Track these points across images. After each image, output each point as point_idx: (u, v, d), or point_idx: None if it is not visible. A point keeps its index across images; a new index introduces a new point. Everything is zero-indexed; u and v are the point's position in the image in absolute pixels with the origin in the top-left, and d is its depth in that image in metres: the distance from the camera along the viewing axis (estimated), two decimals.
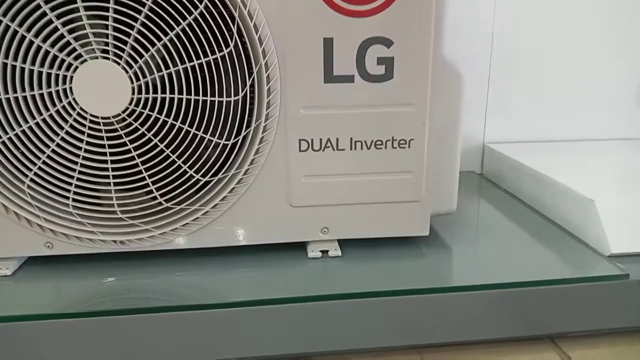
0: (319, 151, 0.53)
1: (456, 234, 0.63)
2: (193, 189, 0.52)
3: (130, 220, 0.53)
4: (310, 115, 0.52)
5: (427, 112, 0.53)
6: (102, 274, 0.54)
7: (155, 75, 0.48)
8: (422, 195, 0.56)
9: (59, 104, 0.49)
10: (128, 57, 0.48)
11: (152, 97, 0.49)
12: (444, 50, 0.54)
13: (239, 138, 0.51)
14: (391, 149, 0.54)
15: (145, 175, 0.51)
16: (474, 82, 0.87)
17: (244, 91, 0.50)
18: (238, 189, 0.53)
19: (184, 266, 0.55)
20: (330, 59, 0.50)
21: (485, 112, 0.90)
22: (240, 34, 0.48)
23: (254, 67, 0.49)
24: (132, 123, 0.50)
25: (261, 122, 0.51)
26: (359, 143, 0.53)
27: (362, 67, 0.51)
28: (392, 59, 0.51)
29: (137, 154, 0.50)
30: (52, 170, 0.51)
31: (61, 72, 0.48)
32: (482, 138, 0.91)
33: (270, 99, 0.51)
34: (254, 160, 0.52)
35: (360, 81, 0.51)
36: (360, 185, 0.54)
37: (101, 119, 0.49)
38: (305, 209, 0.55)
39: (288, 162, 0.53)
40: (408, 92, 0.52)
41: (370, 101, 0.52)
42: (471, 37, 0.86)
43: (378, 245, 0.58)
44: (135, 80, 0.48)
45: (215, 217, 0.54)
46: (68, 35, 0.47)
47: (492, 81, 0.88)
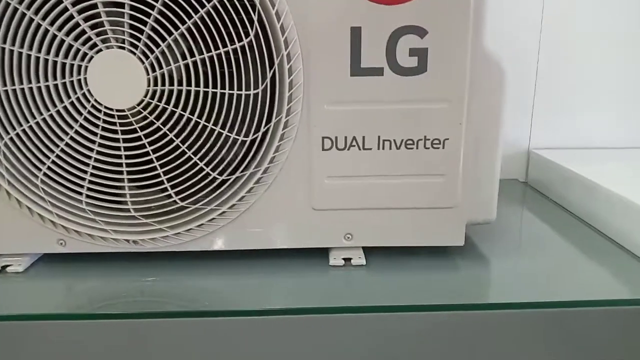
0: (344, 150, 0.49)
1: (495, 245, 0.58)
2: (209, 187, 0.49)
3: (143, 219, 0.50)
4: (335, 111, 0.48)
5: (464, 110, 0.48)
6: (115, 274, 0.52)
7: (172, 67, 0.46)
8: (457, 202, 0.51)
9: (73, 96, 0.47)
10: (144, 47, 0.45)
11: (168, 89, 0.46)
12: (485, 42, 0.49)
13: (258, 134, 0.48)
14: (423, 149, 0.49)
15: (160, 172, 0.48)
16: (520, 80, 0.81)
17: (264, 84, 0.47)
18: (257, 189, 0.50)
19: (199, 269, 0.52)
20: (357, 49, 0.46)
21: (532, 114, 0.83)
22: (261, 22, 0.45)
23: (275, 59, 0.46)
24: (148, 116, 0.47)
25: (282, 118, 0.47)
26: (387, 142, 0.49)
27: (392, 59, 0.47)
28: (425, 50, 0.46)
29: (152, 149, 0.48)
30: (65, 164, 0.49)
31: (76, 62, 0.46)
32: (527, 143, 0.84)
33: (292, 93, 0.47)
34: (274, 159, 0.49)
35: (391, 74, 0.47)
36: (388, 188, 0.50)
37: (116, 112, 0.47)
38: (328, 213, 0.51)
39: (310, 162, 0.49)
40: (443, 87, 0.47)
41: (400, 96, 0.48)
42: (517, 31, 0.79)
43: (407, 255, 0.53)
44: (151, 71, 0.46)
45: (232, 218, 0.50)
46: (83, 24, 0.45)
47: (540, 80, 0.81)
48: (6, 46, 0.45)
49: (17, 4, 0.44)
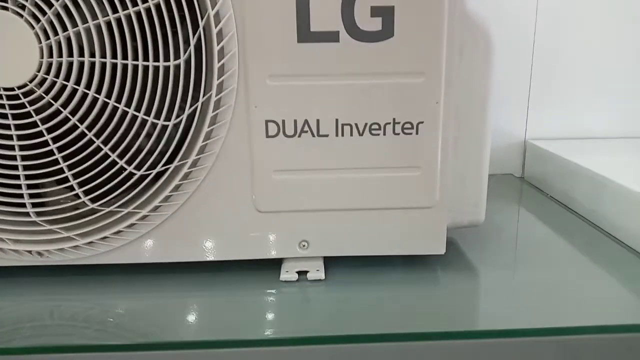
0: (294, 137, 0.39)
1: (486, 253, 0.48)
2: (125, 185, 0.39)
3: (47, 225, 0.40)
4: (280, 87, 0.38)
5: (441, 85, 0.38)
6: (20, 291, 0.42)
7: (70, 32, 0.36)
8: (436, 200, 0.41)
9: None
10: (33, 6, 0.36)
11: (66, 60, 0.37)
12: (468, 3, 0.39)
13: (182, 117, 0.38)
14: (392, 135, 0.39)
15: (63, 165, 0.39)
16: (515, 63, 0.71)
17: (187, 53, 0.37)
18: (185, 187, 0.40)
19: (120, 286, 0.43)
20: (305, 9, 0.37)
21: (528, 101, 0.74)
22: None
23: (200, 20, 0.36)
24: (43, 96, 0.37)
25: (212, 96, 0.38)
26: (347, 127, 0.39)
27: (350, 21, 0.37)
28: (391, 8, 0.37)
29: (51, 138, 0.38)
30: None
31: None
32: (523, 134, 0.74)
33: (224, 64, 0.37)
34: (205, 148, 0.39)
35: (348, 40, 0.37)
36: (351, 185, 0.40)
37: (3, 91, 0.37)
38: (276, 216, 0.41)
39: (252, 152, 0.39)
40: (414, 57, 0.38)
41: (361, 68, 0.38)
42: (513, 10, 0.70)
43: (375, 267, 0.43)
44: (44, 38, 0.36)
45: (156, 223, 0.41)
46: None
47: (536, 63, 0.72)
48: None
49: None
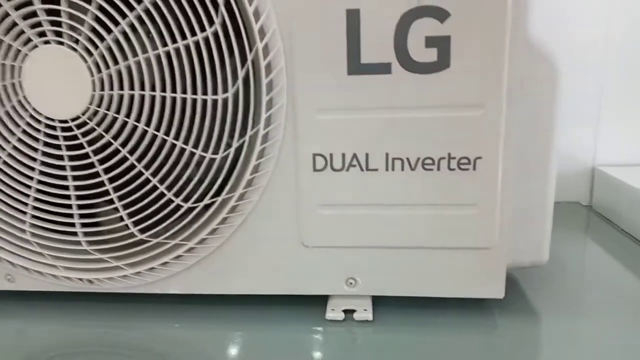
0: (342, 171, 0.38)
1: (548, 293, 0.44)
2: (173, 217, 0.39)
3: (98, 254, 0.41)
4: (329, 121, 0.37)
5: (501, 119, 0.36)
6: (72, 317, 0.43)
7: (121, 65, 0.36)
8: (494, 241, 0.38)
9: (8, 104, 0.38)
10: (86, 41, 0.36)
11: (117, 93, 0.37)
12: (532, 28, 0.36)
13: (229, 151, 0.37)
14: (447, 171, 0.37)
15: (114, 196, 0.39)
16: (583, 80, 0.66)
17: (235, 86, 0.36)
18: (232, 220, 0.39)
19: (167, 315, 0.42)
20: (356, 39, 0.35)
21: (597, 123, 0.68)
22: (229, 7, 0.35)
23: (248, 54, 0.36)
24: (95, 128, 0.38)
25: (259, 130, 0.37)
26: (398, 162, 0.37)
27: (402, 52, 0.35)
28: (447, 38, 0.35)
29: (102, 169, 0.39)
30: (3, 186, 0.40)
31: (8, 62, 0.37)
32: (591, 159, 0.69)
33: (272, 98, 0.36)
34: (252, 182, 0.38)
35: (401, 72, 0.35)
36: (402, 222, 0.38)
37: (58, 123, 0.38)
38: (323, 251, 0.40)
39: (299, 186, 0.38)
40: (472, 89, 0.35)
41: (415, 101, 0.36)
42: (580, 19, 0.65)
43: (427, 309, 0.41)
44: (96, 71, 0.36)
45: (202, 255, 0.40)
46: (14, 13, 0.36)
47: (609, 80, 0.66)
48: None
49: None
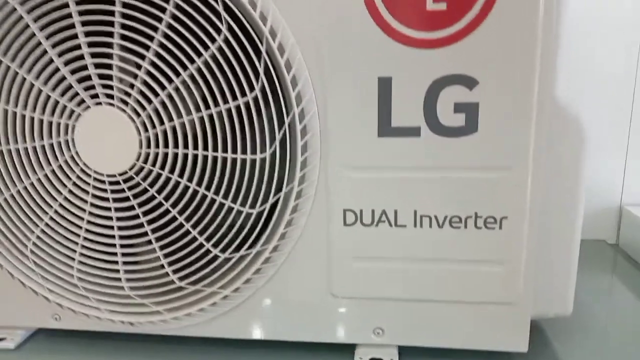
0: (371, 226, 0.39)
1: (574, 342, 0.45)
2: (210, 266, 0.41)
3: (139, 299, 0.43)
4: (360, 179, 0.39)
5: (527, 180, 0.37)
6: (115, 356, 0.46)
7: (166, 126, 0.39)
8: (519, 296, 0.39)
9: (61, 159, 0.41)
10: (135, 103, 0.39)
11: (162, 152, 0.39)
12: (559, 91, 0.38)
13: (265, 206, 0.40)
14: (474, 229, 0.38)
15: (156, 246, 0.41)
16: (610, 114, 0.66)
17: (273, 147, 0.38)
18: (265, 270, 0.41)
19: (199, 357, 0.44)
20: (387, 104, 0.37)
21: (625, 162, 0.69)
22: (269, 74, 0.37)
23: (285, 117, 0.38)
24: (141, 183, 0.40)
25: (294, 187, 0.39)
26: (426, 219, 0.39)
27: (432, 116, 0.37)
28: (476, 105, 0.36)
29: (146, 221, 0.41)
30: (54, 234, 0.43)
31: (62, 121, 0.40)
32: (619, 197, 0.69)
33: (307, 158, 0.38)
34: (285, 235, 0.40)
35: (430, 135, 0.37)
36: (429, 276, 0.40)
37: (106, 177, 0.41)
38: (352, 302, 0.41)
39: (330, 239, 0.40)
40: (499, 152, 0.37)
41: (443, 162, 0.37)
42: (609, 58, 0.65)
43: (452, 359, 0.42)
44: (143, 131, 0.39)
45: (237, 302, 0.42)
46: (70, 77, 0.39)
47: (637, 120, 0.66)
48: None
49: (0, 57, 0.40)
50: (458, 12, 0.35)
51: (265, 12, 0.36)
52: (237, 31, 0.36)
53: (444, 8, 0.35)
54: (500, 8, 0.34)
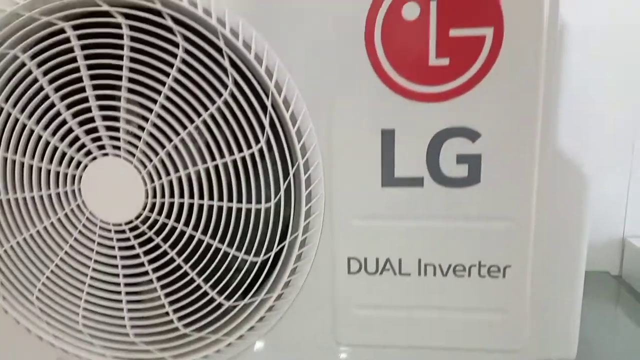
0: (375, 274, 0.40)
1: None
2: (215, 313, 0.42)
3: (144, 345, 0.43)
4: (364, 228, 0.39)
5: (530, 229, 0.37)
6: None
7: (172, 177, 0.39)
8: (523, 344, 0.39)
9: (67, 208, 0.42)
10: (141, 154, 0.39)
11: (168, 201, 0.40)
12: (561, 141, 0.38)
13: (270, 254, 0.40)
14: (477, 277, 0.39)
15: (161, 293, 0.42)
16: (613, 143, 0.66)
17: (277, 197, 0.39)
18: (269, 318, 0.41)
19: None
20: (390, 155, 0.38)
21: (627, 194, 0.69)
22: (274, 125, 0.38)
23: (290, 168, 0.38)
24: (146, 232, 0.41)
25: (298, 235, 0.39)
26: (430, 267, 0.39)
27: (434, 167, 0.37)
28: (478, 157, 0.37)
29: (151, 268, 0.41)
30: (60, 281, 0.43)
31: (69, 171, 0.41)
32: (621, 229, 0.70)
33: (311, 207, 0.39)
34: (290, 283, 0.40)
35: (433, 185, 0.38)
36: (433, 324, 0.40)
37: (112, 226, 0.41)
38: (356, 349, 0.41)
39: (334, 287, 0.40)
40: (502, 202, 0.37)
41: (446, 212, 0.38)
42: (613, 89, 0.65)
43: None
44: (149, 182, 0.40)
45: (241, 349, 0.42)
46: (77, 129, 0.40)
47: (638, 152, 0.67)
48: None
49: (9, 108, 0.40)
50: (461, 67, 0.35)
51: (270, 66, 0.37)
52: (243, 85, 0.37)
53: (447, 63, 0.35)
54: (502, 62, 0.35)
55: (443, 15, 0.35)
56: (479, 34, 0.35)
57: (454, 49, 0.35)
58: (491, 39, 0.35)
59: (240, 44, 0.36)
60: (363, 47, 0.36)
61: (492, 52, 0.35)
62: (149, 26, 0.37)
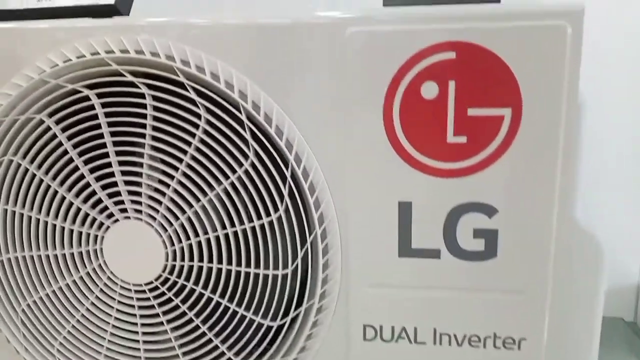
0: (391, 342, 0.40)
1: None
2: None
3: None
4: (380, 296, 0.39)
5: (547, 302, 0.38)
6: None
7: (192, 241, 0.40)
8: None
9: (89, 267, 0.42)
10: (162, 218, 0.40)
11: (188, 265, 0.41)
12: (578, 213, 0.39)
13: (286, 319, 0.40)
14: (492, 349, 0.39)
15: (179, 352, 0.42)
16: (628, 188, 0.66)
17: (295, 264, 0.39)
18: None
19: None
20: (407, 227, 0.38)
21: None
22: (292, 196, 0.38)
23: (308, 236, 0.39)
24: (166, 293, 0.41)
25: (314, 302, 0.40)
26: (445, 337, 0.39)
27: (451, 240, 0.38)
28: (495, 232, 0.37)
29: (170, 328, 0.42)
30: (80, 335, 0.44)
31: (92, 231, 0.42)
32: (636, 276, 0.69)
33: (327, 275, 0.39)
34: (305, 348, 0.41)
35: (449, 258, 0.38)
36: None
37: (133, 286, 0.42)
38: None
39: (349, 353, 0.41)
40: (518, 276, 0.37)
41: (462, 284, 0.38)
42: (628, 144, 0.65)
43: None
44: (169, 245, 0.40)
45: None
46: (100, 192, 0.40)
47: None
48: (24, 211, 0.42)
49: (35, 170, 0.41)
50: (478, 146, 0.36)
51: (290, 139, 0.37)
52: (263, 156, 0.38)
53: (465, 141, 0.36)
54: (520, 141, 0.35)
55: (461, 95, 0.35)
56: (497, 113, 0.35)
57: (472, 128, 0.35)
58: (509, 118, 0.35)
59: (262, 118, 0.37)
60: (381, 123, 0.36)
61: (511, 131, 0.35)
62: (171, 97, 0.38)
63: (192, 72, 0.37)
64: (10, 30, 0.40)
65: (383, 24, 0.35)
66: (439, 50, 0.35)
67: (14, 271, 0.44)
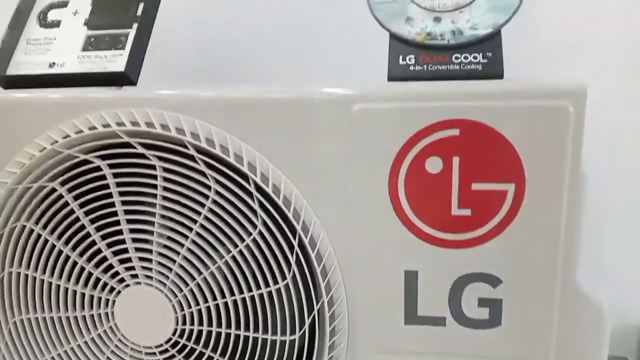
0: None
1: None
2: None
3: None
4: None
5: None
6: None
7: (201, 307, 0.41)
8: None
9: (100, 329, 0.43)
10: (172, 284, 0.41)
11: (197, 329, 0.41)
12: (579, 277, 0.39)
13: None
14: None
15: None
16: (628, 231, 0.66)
17: (302, 330, 0.40)
18: None
19: None
20: (413, 295, 0.39)
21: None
22: (300, 264, 0.39)
23: (315, 304, 0.39)
24: (175, 355, 0.42)
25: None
26: None
27: (457, 309, 0.38)
28: (499, 301, 0.38)
29: None
30: None
31: (103, 295, 0.42)
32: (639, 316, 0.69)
33: (335, 341, 0.40)
34: None
35: (455, 325, 0.38)
36: None
37: (143, 349, 0.43)
38: None
39: None
40: (523, 344, 0.38)
41: (467, 351, 0.39)
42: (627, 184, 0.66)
43: None
44: (179, 309, 0.41)
45: None
46: (112, 258, 0.41)
47: None
48: (36, 275, 0.43)
49: (47, 235, 0.42)
50: (482, 219, 0.36)
51: (298, 209, 0.38)
52: (271, 225, 0.38)
53: (469, 214, 0.36)
54: (524, 215, 0.36)
55: (465, 170, 0.36)
56: (500, 188, 0.36)
57: (476, 202, 0.36)
58: (513, 193, 0.36)
59: (270, 188, 0.38)
60: (387, 195, 0.37)
61: (514, 205, 0.36)
62: (181, 169, 0.39)
63: (201, 145, 0.38)
64: (23, 99, 0.41)
65: (388, 101, 0.36)
66: (442, 127, 0.35)
67: (26, 332, 0.45)
